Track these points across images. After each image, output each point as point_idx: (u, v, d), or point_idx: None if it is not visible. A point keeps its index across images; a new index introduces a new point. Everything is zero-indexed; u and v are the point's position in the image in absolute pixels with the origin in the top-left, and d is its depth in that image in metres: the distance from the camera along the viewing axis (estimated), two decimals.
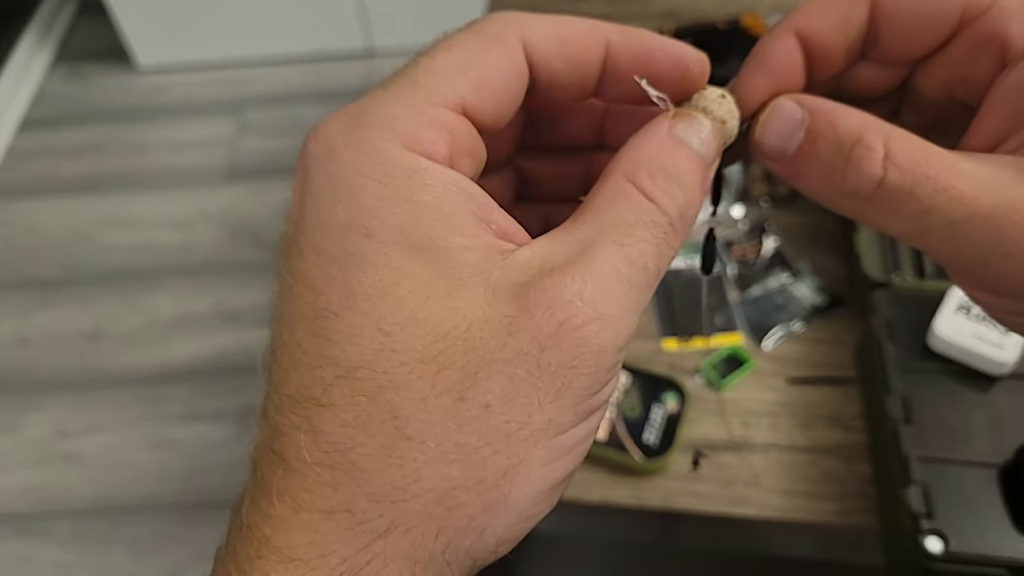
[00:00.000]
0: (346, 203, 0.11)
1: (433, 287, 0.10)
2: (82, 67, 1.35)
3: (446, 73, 0.11)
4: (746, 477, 0.37)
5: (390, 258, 0.10)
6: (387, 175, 0.10)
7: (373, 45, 1.32)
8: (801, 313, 0.43)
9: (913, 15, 0.13)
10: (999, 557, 0.30)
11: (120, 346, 0.99)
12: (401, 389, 0.10)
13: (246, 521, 0.11)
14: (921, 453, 0.32)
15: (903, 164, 0.11)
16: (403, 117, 0.11)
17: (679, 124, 0.12)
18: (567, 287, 0.10)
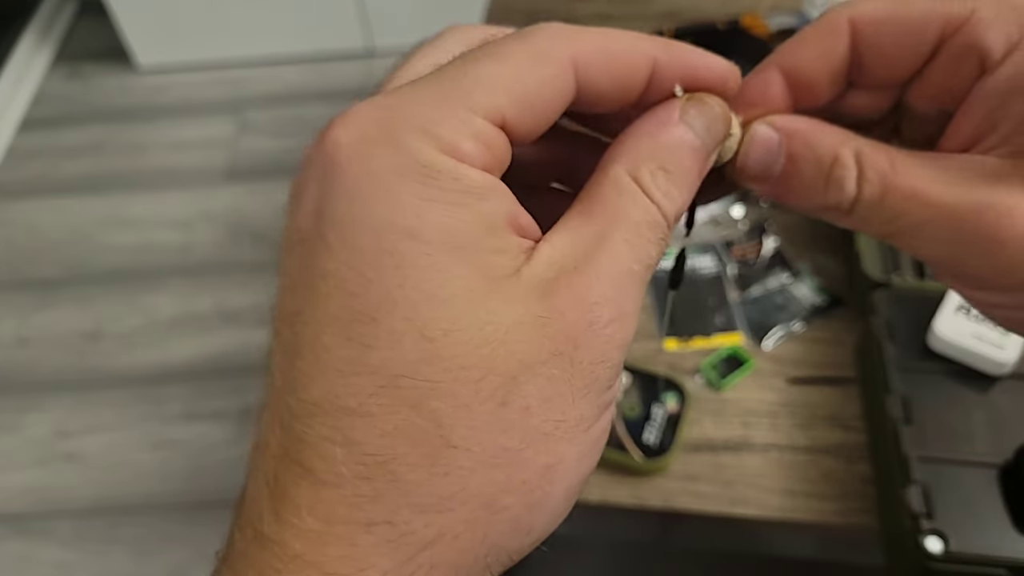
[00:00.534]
0: (384, 201, 0.10)
1: (474, 291, 0.10)
2: (82, 67, 1.35)
3: (492, 84, 0.11)
4: (746, 477, 0.37)
5: (434, 260, 0.10)
6: (429, 176, 0.10)
7: (373, 45, 1.32)
8: (801, 313, 0.43)
9: (894, 39, 0.13)
10: (999, 557, 0.30)
11: (120, 346, 0.99)
12: (445, 397, 0.10)
13: (267, 533, 0.10)
14: (921, 453, 0.32)
15: (872, 178, 0.12)
16: (443, 123, 0.11)
17: (691, 110, 0.12)
18: (593, 289, 0.11)
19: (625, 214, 0.11)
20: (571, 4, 0.63)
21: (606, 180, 0.12)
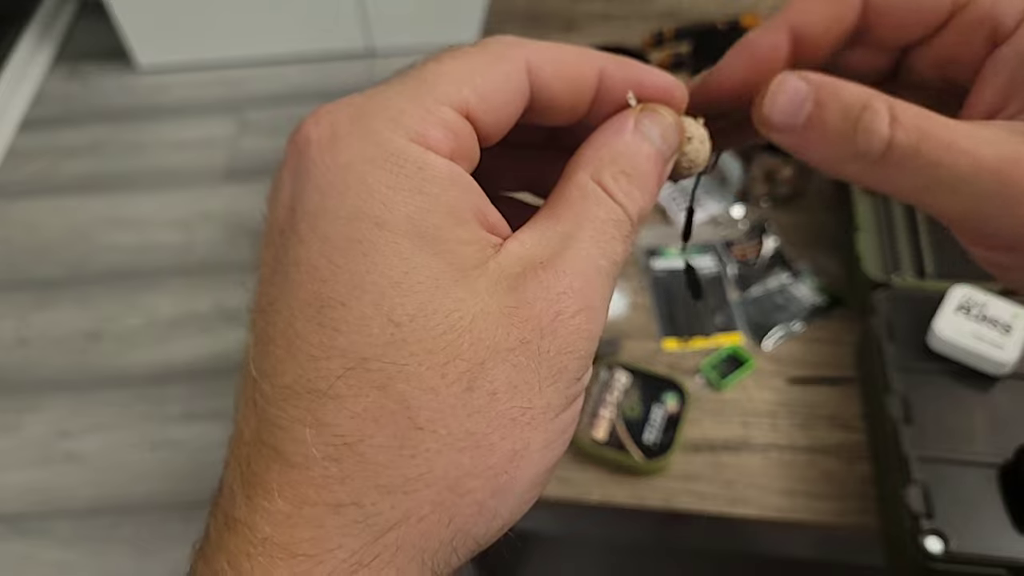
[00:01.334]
0: (355, 191, 0.10)
1: (441, 279, 0.10)
2: (82, 67, 1.35)
3: (454, 77, 0.12)
4: (746, 477, 0.37)
5: (400, 248, 0.10)
6: (397, 166, 0.11)
7: (373, 45, 1.32)
8: (801, 313, 0.43)
9: (907, 8, 0.13)
10: (999, 557, 0.30)
11: (120, 346, 0.99)
12: (412, 380, 0.10)
13: (238, 516, 0.10)
14: (921, 453, 0.32)
15: (909, 125, 0.12)
16: (411, 113, 0.11)
17: (644, 119, 0.13)
18: (560, 280, 0.11)
19: (590, 214, 0.12)
20: (571, 4, 0.63)
21: (571, 184, 0.12)
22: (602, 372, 0.39)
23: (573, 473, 0.37)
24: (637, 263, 0.46)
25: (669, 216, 0.48)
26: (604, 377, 0.39)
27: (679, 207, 0.49)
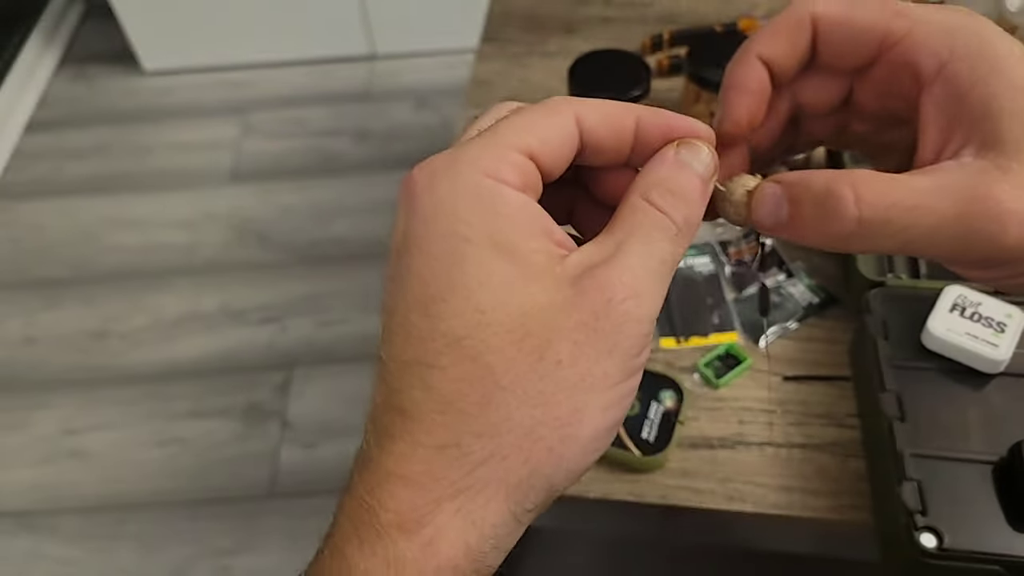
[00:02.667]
0: (447, 216, 0.14)
1: (515, 279, 0.14)
2: (88, 69, 1.37)
3: (520, 128, 0.15)
4: (742, 474, 0.37)
5: (483, 257, 0.14)
6: (478, 196, 0.14)
7: (375, 50, 1.33)
8: (797, 312, 0.43)
9: (843, 38, 0.16)
10: (993, 553, 0.30)
11: (126, 345, 1.00)
12: (495, 352, 0.14)
13: (371, 456, 0.14)
14: (915, 450, 0.33)
15: (873, 199, 0.14)
16: (488, 156, 0.15)
17: (682, 150, 0.16)
18: (610, 275, 0.14)
19: (639, 224, 0.15)
20: (571, 8, 0.64)
21: (625, 206, 0.15)
22: None
23: None
24: None
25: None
26: None
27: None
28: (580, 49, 0.60)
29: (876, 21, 0.16)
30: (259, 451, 0.89)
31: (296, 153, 1.22)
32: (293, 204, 1.14)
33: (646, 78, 0.50)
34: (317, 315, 1.01)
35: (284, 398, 0.93)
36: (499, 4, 0.65)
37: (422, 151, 0.80)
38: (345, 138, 1.22)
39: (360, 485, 0.14)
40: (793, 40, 0.16)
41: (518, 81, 0.59)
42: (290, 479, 0.87)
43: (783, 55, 0.16)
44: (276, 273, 1.06)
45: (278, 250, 1.09)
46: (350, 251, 1.08)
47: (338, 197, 1.15)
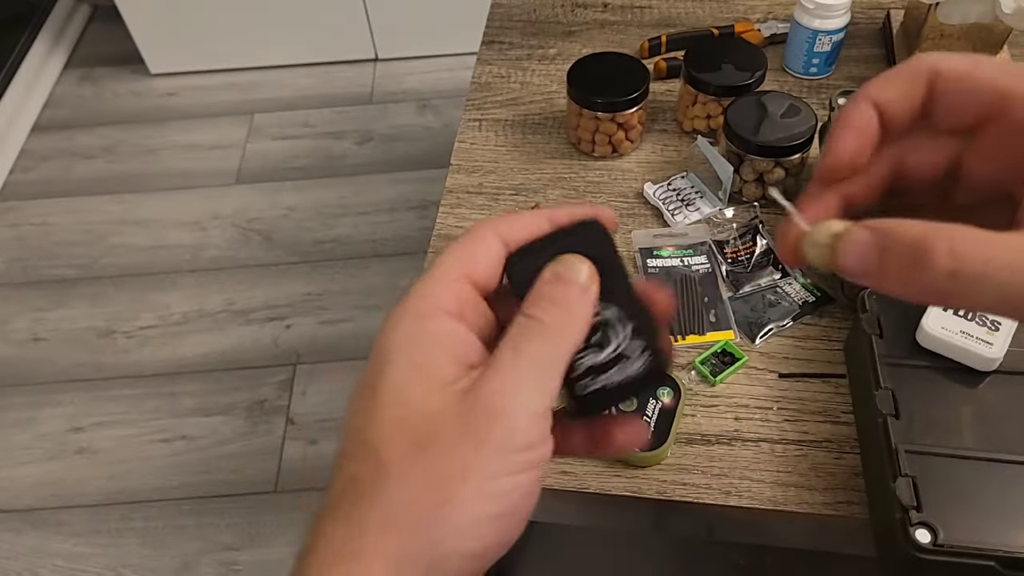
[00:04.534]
0: (386, 346, 0.18)
1: (420, 391, 0.17)
2: (94, 71, 1.38)
3: (453, 259, 0.19)
4: (738, 469, 0.38)
5: (400, 375, 0.17)
6: (411, 321, 0.18)
7: (378, 55, 1.34)
8: (792, 310, 0.44)
9: (959, 92, 0.16)
10: (988, 548, 0.30)
11: (132, 343, 1.01)
12: (391, 447, 0.17)
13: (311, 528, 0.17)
14: (910, 447, 0.33)
15: (969, 253, 0.14)
16: (428, 286, 0.18)
17: (558, 266, 0.19)
18: (482, 381, 0.17)
19: (512, 334, 0.18)
20: (569, 13, 0.65)
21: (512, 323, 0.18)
22: None
23: (572, 464, 0.39)
24: (633, 262, 0.48)
25: (665, 217, 0.50)
26: None
27: (673, 208, 0.50)
28: (579, 53, 0.60)
29: (996, 79, 0.16)
30: (264, 448, 0.90)
31: (300, 154, 1.23)
32: (297, 204, 1.15)
33: (644, 81, 0.51)
34: (321, 314, 1.02)
35: (288, 395, 0.94)
36: (499, 8, 0.65)
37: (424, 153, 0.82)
38: (348, 140, 1.23)
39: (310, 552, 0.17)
40: (907, 88, 0.16)
41: (518, 84, 0.59)
42: (295, 475, 0.87)
43: (895, 101, 0.17)
44: (280, 272, 1.07)
45: (282, 250, 1.10)
46: (353, 251, 1.09)
47: (341, 198, 1.16)
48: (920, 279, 0.14)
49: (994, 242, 0.14)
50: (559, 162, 0.54)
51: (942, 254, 0.14)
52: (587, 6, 0.65)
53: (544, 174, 0.53)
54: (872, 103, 0.17)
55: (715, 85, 0.51)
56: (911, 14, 0.56)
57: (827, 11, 0.54)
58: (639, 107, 0.51)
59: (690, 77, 0.52)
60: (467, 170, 0.54)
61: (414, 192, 1.15)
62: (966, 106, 0.16)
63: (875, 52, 0.59)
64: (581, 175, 0.53)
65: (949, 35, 0.53)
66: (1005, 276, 0.14)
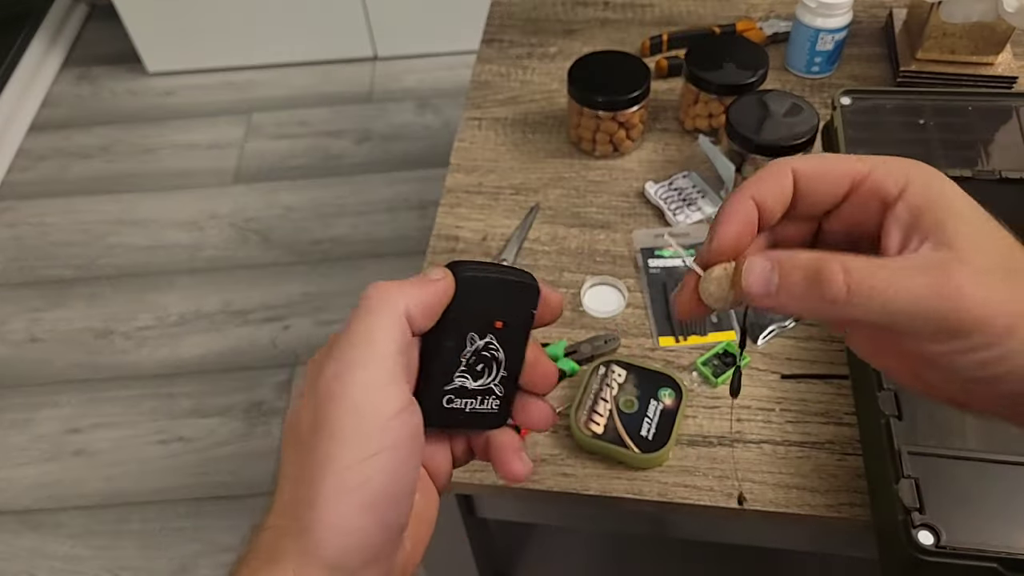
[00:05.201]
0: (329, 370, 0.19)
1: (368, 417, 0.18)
2: (92, 70, 1.38)
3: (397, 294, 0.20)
4: (740, 471, 0.38)
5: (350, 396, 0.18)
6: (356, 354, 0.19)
7: (376, 53, 1.34)
8: None
9: (820, 187, 0.20)
10: (991, 550, 0.30)
11: (130, 344, 1.00)
12: (289, 444, 0.18)
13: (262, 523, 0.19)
14: (913, 448, 0.33)
15: (860, 273, 0.17)
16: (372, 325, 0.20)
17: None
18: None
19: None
20: (570, 11, 0.64)
21: None
22: (600, 368, 0.40)
23: (572, 467, 0.38)
24: (634, 262, 0.47)
25: (666, 217, 0.49)
26: (602, 373, 0.40)
27: (675, 208, 0.50)
28: (579, 51, 0.60)
29: (845, 166, 0.19)
30: (261, 449, 0.89)
31: (298, 154, 1.22)
32: (295, 204, 1.15)
33: (645, 80, 0.51)
34: (319, 314, 1.01)
35: (286, 396, 0.94)
36: (499, 6, 0.65)
37: (423, 152, 0.81)
38: (347, 139, 1.23)
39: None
40: (779, 188, 0.20)
41: (518, 83, 0.59)
42: None
43: (771, 197, 0.20)
44: (278, 272, 1.07)
45: (280, 250, 1.10)
46: (351, 251, 1.08)
47: (339, 197, 1.15)
48: (819, 297, 0.17)
49: (878, 263, 0.17)
50: (559, 161, 0.53)
51: (837, 274, 0.17)
52: (588, 4, 0.64)
53: (544, 173, 0.53)
54: (753, 199, 0.20)
55: (717, 84, 0.50)
56: (913, 13, 0.56)
57: (829, 10, 0.53)
58: (640, 106, 0.51)
59: (692, 76, 0.51)
60: (467, 169, 0.53)
61: (413, 192, 1.15)
62: (825, 194, 0.20)
63: (877, 51, 0.59)
64: (582, 174, 0.53)
65: (951, 34, 0.52)
66: (892, 291, 0.17)
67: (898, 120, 0.46)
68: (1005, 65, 0.53)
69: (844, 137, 0.44)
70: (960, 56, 0.53)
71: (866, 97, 0.47)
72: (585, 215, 0.50)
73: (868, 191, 0.19)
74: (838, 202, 0.20)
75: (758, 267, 0.18)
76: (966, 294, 0.16)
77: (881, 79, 0.56)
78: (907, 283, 0.17)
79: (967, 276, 0.17)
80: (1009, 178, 0.42)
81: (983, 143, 0.45)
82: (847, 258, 0.17)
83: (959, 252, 0.17)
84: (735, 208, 0.20)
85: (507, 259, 0.48)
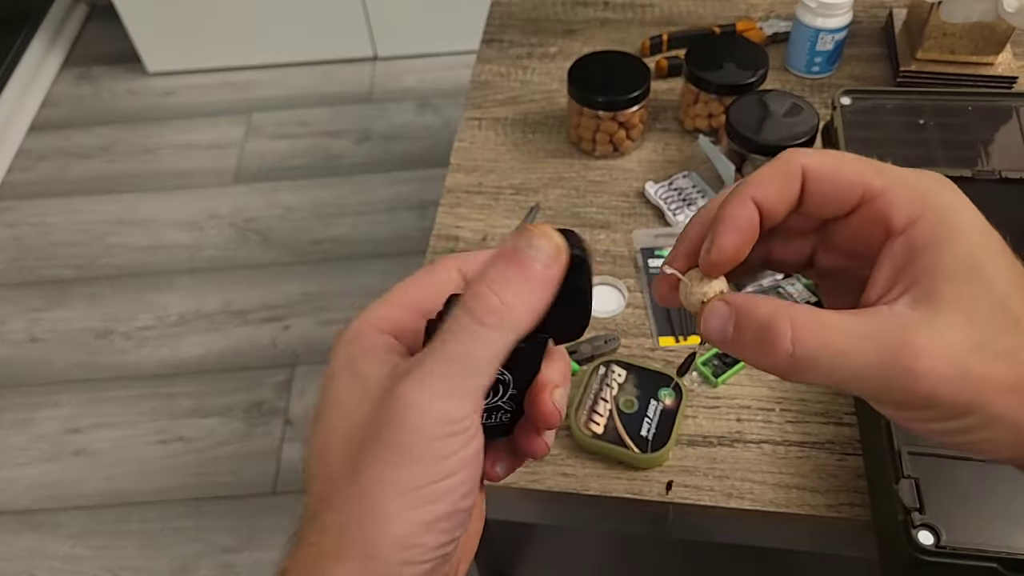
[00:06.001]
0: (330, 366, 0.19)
1: (357, 400, 0.17)
2: (92, 70, 1.38)
3: (400, 288, 0.19)
4: (740, 471, 0.38)
5: (340, 388, 0.18)
6: (349, 341, 0.19)
7: (376, 53, 1.34)
8: None
9: (827, 191, 0.18)
10: (990, 550, 0.30)
11: (130, 344, 1.00)
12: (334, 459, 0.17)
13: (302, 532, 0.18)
14: (913, 448, 0.33)
15: (807, 340, 0.16)
16: (368, 311, 0.19)
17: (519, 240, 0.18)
18: (394, 392, 0.16)
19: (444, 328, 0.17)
20: (570, 11, 0.65)
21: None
22: (600, 368, 0.40)
23: (572, 467, 0.38)
24: (634, 262, 0.47)
25: (666, 217, 0.49)
26: (602, 373, 0.40)
27: (675, 208, 0.50)
28: (579, 51, 0.60)
29: (860, 176, 0.17)
30: (262, 449, 0.89)
31: (298, 154, 1.22)
32: (295, 204, 1.15)
33: (645, 80, 0.51)
34: (319, 314, 1.01)
35: (286, 396, 0.94)
36: (499, 7, 0.65)
37: (423, 152, 0.81)
38: (347, 139, 1.23)
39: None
40: (784, 187, 0.18)
41: (518, 83, 0.59)
42: (293, 477, 0.87)
43: (774, 199, 0.18)
44: (278, 272, 1.07)
45: (280, 250, 1.10)
46: (351, 250, 1.08)
47: (339, 197, 1.15)
48: (766, 358, 0.17)
49: (828, 328, 0.16)
50: (559, 161, 0.53)
51: (785, 330, 0.16)
52: (588, 4, 0.64)
53: (544, 173, 0.53)
54: (753, 200, 0.18)
55: (717, 84, 0.50)
56: (913, 13, 0.56)
57: (829, 10, 0.53)
58: (640, 106, 0.51)
59: (692, 76, 0.51)
60: (467, 169, 0.53)
61: (413, 192, 1.15)
62: (833, 201, 0.18)
63: (877, 51, 0.59)
64: (582, 174, 0.53)
65: (951, 34, 0.52)
66: (837, 361, 0.16)
67: (898, 120, 0.46)
68: (1005, 65, 0.53)
69: (844, 137, 0.44)
70: (960, 56, 0.53)
71: (866, 97, 0.47)
72: (585, 215, 0.50)
73: (876, 212, 0.17)
74: (845, 213, 0.18)
75: (718, 312, 0.17)
76: (919, 368, 0.15)
77: (881, 79, 0.56)
78: (857, 349, 0.16)
79: (926, 348, 0.15)
80: (1009, 178, 0.42)
81: (983, 143, 0.45)
82: (801, 314, 0.16)
83: (936, 312, 0.16)
84: (735, 213, 0.18)
85: None
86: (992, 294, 0.16)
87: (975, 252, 0.16)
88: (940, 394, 0.16)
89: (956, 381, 0.15)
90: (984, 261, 0.16)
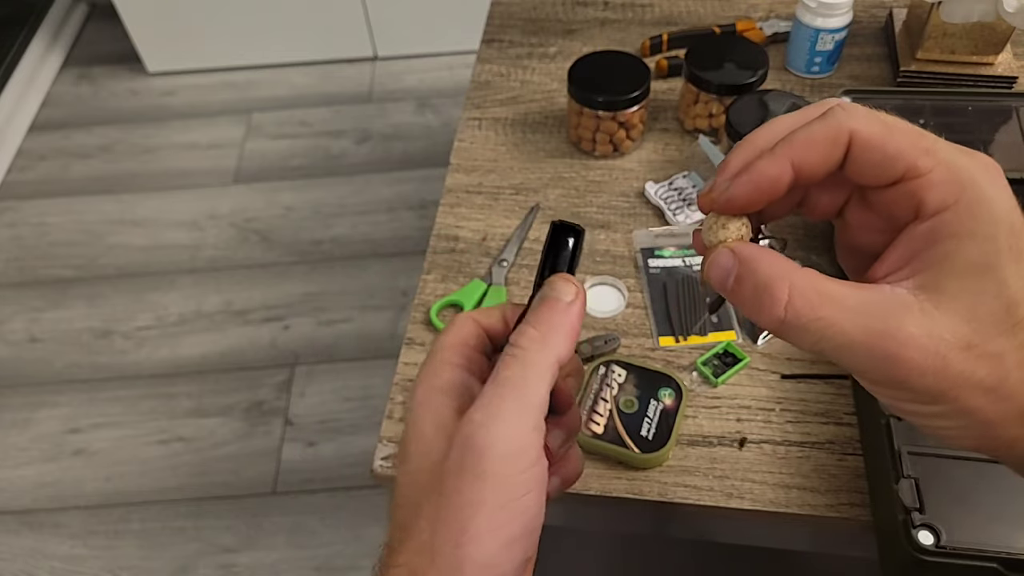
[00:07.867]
0: (412, 402, 0.21)
1: (433, 435, 0.20)
2: (92, 70, 1.38)
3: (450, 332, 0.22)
4: (740, 471, 0.38)
5: (421, 425, 0.20)
6: (426, 379, 0.21)
7: (376, 54, 1.34)
8: None
9: (872, 162, 0.17)
10: (991, 550, 0.30)
11: (130, 344, 1.00)
12: (420, 488, 0.19)
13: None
14: (913, 448, 0.33)
15: (800, 308, 0.17)
16: (436, 353, 0.22)
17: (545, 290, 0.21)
18: (468, 422, 0.19)
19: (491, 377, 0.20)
20: (570, 11, 0.65)
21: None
22: (600, 368, 0.40)
23: None
24: (634, 262, 0.47)
25: (666, 217, 0.49)
26: (602, 373, 0.40)
27: (675, 208, 0.50)
28: (579, 51, 0.60)
29: (907, 152, 0.17)
30: (262, 449, 0.89)
31: (298, 154, 1.22)
32: (295, 204, 1.15)
33: (645, 80, 0.51)
34: (319, 314, 1.01)
35: (286, 396, 0.94)
36: (499, 6, 0.65)
37: (423, 152, 0.81)
38: (347, 139, 1.23)
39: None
40: (828, 154, 0.17)
41: (518, 83, 0.59)
42: (292, 477, 0.87)
43: (815, 164, 0.17)
44: (278, 272, 1.07)
45: (280, 250, 1.10)
46: (351, 251, 1.08)
47: (340, 197, 1.15)
48: (759, 317, 0.17)
49: (824, 300, 0.16)
50: (559, 161, 0.53)
51: (782, 294, 0.17)
52: (588, 4, 0.64)
53: (544, 173, 0.53)
54: (791, 163, 0.18)
55: (717, 84, 0.50)
56: (913, 13, 0.56)
57: (829, 10, 0.53)
58: (640, 106, 0.51)
59: (692, 76, 0.51)
60: (466, 169, 0.53)
61: (413, 192, 1.15)
62: (876, 173, 0.17)
63: (878, 51, 0.59)
64: (582, 174, 0.53)
65: (951, 34, 0.53)
66: (825, 333, 0.16)
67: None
68: (1005, 65, 0.53)
69: None
70: (960, 56, 0.53)
71: (866, 97, 0.47)
72: (585, 215, 0.50)
73: (912, 191, 0.17)
74: (884, 184, 0.17)
75: (722, 263, 0.18)
76: (900, 356, 0.16)
77: (881, 79, 0.56)
78: (846, 326, 0.16)
79: (913, 337, 0.15)
80: (1010, 178, 0.42)
81: (983, 143, 0.45)
82: (801, 280, 0.16)
83: (936, 304, 0.16)
84: (765, 172, 0.17)
85: (507, 259, 0.48)
86: (1000, 295, 0.16)
87: (997, 251, 0.16)
88: (914, 382, 0.16)
89: (932, 374, 0.16)
90: (1004, 261, 0.16)
